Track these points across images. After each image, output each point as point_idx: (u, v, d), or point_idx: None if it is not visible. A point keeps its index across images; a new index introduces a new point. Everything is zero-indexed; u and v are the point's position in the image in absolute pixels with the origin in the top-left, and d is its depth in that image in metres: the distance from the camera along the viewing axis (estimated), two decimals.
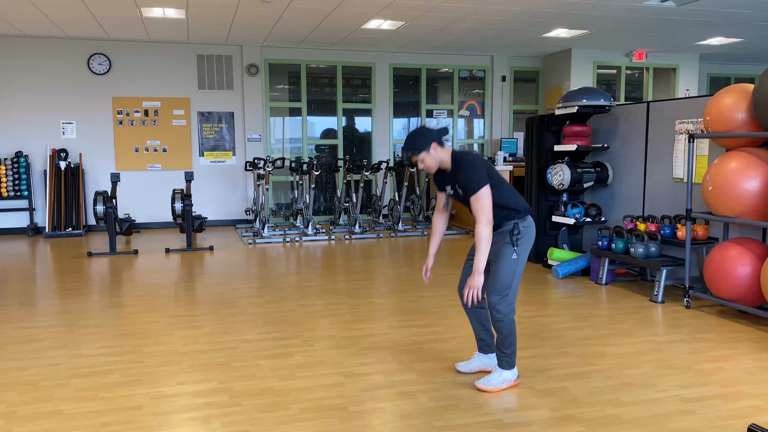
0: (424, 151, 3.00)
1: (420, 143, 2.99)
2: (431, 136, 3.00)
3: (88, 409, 2.97)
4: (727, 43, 9.77)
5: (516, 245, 3.05)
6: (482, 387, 3.15)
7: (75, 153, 9.17)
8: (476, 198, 2.93)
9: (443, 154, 3.03)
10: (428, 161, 3.02)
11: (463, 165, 2.97)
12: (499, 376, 3.16)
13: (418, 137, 3.00)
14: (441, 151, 3.02)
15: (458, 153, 3.03)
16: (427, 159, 3.01)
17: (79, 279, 5.99)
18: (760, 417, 2.82)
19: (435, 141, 3.00)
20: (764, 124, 4.04)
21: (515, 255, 3.05)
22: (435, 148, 3.00)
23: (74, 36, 8.83)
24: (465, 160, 2.97)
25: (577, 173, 5.94)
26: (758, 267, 4.17)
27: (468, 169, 2.94)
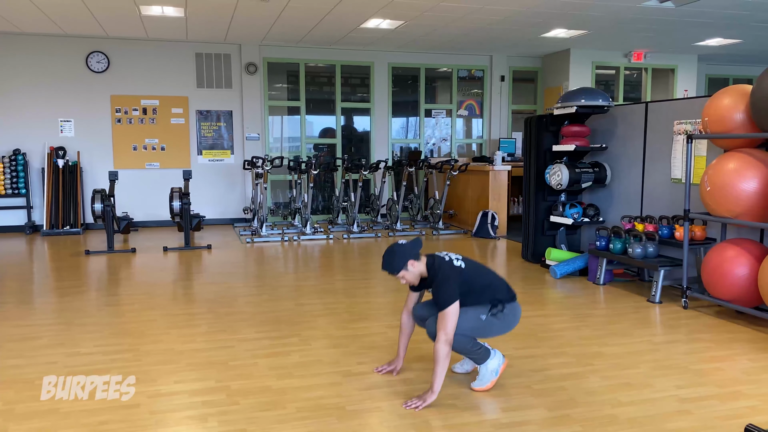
0: (403, 270, 3.04)
1: (398, 263, 3.03)
2: (407, 254, 3.04)
3: (86, 407, 2.97)
4: (726, 44, 9.78)
5: (492, 314, 3.08)
6: (478, 388, 3.16)
7: (73, 151, 9.16)
8: (443, 315, 2.95)
9: (420, 268, 3.07)
10: (408, 277, 3.07)
11: (436, 279, 3.01)
12: (487, 369, 3.16)
13: (394, 257, 3.04)
14: (418, 265, 3.06)
15: (432, 266, 3.05)
16: (407, 275, 3.06)
17: (76, 277, 5.98)
18: (757, 417, 2.83)
19: (411, 258, 3.03)
20: (762, 125, 4.05)
21: (483, 317, 3.07)
22: (412, 264, 3.04)
23: (73, 34, 8.82)
24: (439, 274, 3.01)
25: (576, 173, 5.95)
26: (756, 268, 4.17)
27: (441, 284, 2.98)
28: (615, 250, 5.31)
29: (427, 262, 3.07)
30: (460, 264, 3.05)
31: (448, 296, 2.94)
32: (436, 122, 10.96)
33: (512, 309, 3.16)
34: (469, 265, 3.11)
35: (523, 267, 6.38)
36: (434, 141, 11.03)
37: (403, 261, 3.02)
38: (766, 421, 2.79)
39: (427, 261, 3.07)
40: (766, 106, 3.93)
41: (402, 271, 3.04)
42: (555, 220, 6.21)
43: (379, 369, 3.40)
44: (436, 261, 3.05)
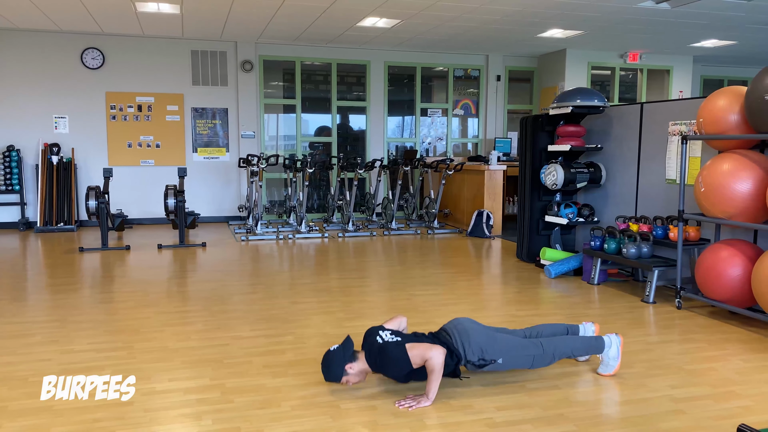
0: (344, 376, 3.04)
1: (335, 372, 3.03)
2: (340, 360, 3.02)
3: (79, 405, 2.95)
4: (721, 46, 9.82)
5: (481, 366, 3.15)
6: (607, 374, 3.32)
7: (67, 147, 9.12)
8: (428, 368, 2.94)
9: (361, 365, 3.06)
10: (352, 379, 3.07)
11: (381, 365, 3.02)
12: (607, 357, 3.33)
13: (329, 367, 3.03)
14: (356, 363, 3.05)
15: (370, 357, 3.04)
16: (351, 378, 3.06)
17: (70, 274, 5.96)
18: (750, 417, 2.84)
19: (347, 362, 3.03)
20: (756, 126, 4.07)
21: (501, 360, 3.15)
22: (350, 367, 3.03)
23: (68, 30, 8.78)
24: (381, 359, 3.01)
25: (571, 173, 5.96)
26: (749, 268, 4.19)
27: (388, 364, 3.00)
28: (609, 250, 5.32)
29: (366, 357, 3.06)
30: (396, 339, 3.06)
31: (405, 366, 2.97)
32: (432, 121, 10.96)
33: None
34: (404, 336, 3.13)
35: (518, 266, 6.39)
36: (430, 140, 11.04)
37: (339, 368, 3.02)
38: (758, 421, 2.80)
39: (365, 356, 3.06)
40: (760, 107, 3.95)
41: (343, 378, 3.04)
42: (550, 219, 6.22)
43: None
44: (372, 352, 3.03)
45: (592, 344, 3.34)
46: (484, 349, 3.12)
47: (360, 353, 3.10)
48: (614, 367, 3.32)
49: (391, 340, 3.07)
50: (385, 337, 3.10)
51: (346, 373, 3.04)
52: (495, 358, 3.13)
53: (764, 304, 3.96)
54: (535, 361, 3.19)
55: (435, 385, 2.96)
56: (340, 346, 3.08)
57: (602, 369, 3.34)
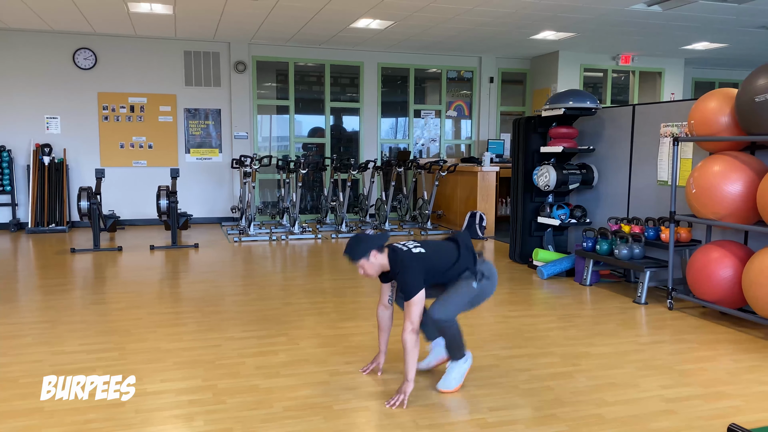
0: (363, 258, 3.01)
1: (359, 250, 3.01)
2: (371, 243, 3.02)
3: (71, 406, 2.94)
4: (712, 48, 9.88)
5: (479, 281, 3.11)
6: (446, 390, 3.13)
7: (59, 148, 9.08)
8: (408, 304, 2.96)
9: (382, 260, 3.05)
10: (367, 268, 3.04)
11: (399, 270, 3.01)
12: (456, 370, 3.17)
13: (358, 244, 3.02)
14: (380, 257, 3.04)
15: (395, 256, 3.04)
16: (366, 266, 3.03)
17: (62, 275, 5.93)
18: (740, 417, 2.86)
19: (375, 248, 3.02)
20: (747, 128, 4.10)
21: (475, 285, 3.10)
22: (374, 255, 3.02)
23: (60, 30, 8.74)
24: (402, 263, 3.00)
25: (563, 175, 5.98)
26: (740, 269, 4.22)
27: (404, 275, 2.98)
28: (601, 251, 5.34)
29: (389, 255, 3.06)
30: (420, 250, 3.05)
31: (413, 286, 2.95)
32: (425, 123, 10.98)
33: (488, 269, 3.17)
34: (429, 249, 3.10)
35: (511, 267, 6.41)
36: (423, 141, 11.05)
37: (366, 250, 3.00)
38: (748, 420, 2.82)
39: (389, 254, 3.06)
40: (750, 109, 3.98)
41: (362, 260, 3.01)
42: (542, 221, 6.24)
43: (364, 369, 3.41)
44: (398, 253, 3.04)
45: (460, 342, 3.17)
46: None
47: (386, 251, 3.08)
48: (455, 386, 3.15)
49: (416, 251, 3.04)
50: (410, 245, 3.08)
51: (367, 258, 3.01)
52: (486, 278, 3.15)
53: (754, 305, 3.98)
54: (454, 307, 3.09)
55: (412, 367, 2.97)
56: (377, 234, 3.07)
57: (441, 384, 3.15)
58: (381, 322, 3.32)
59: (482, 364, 3.53)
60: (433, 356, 3.42)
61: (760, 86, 3.90)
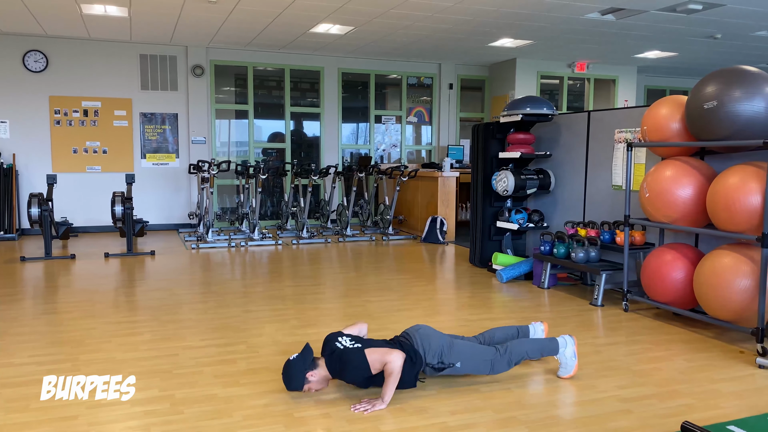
0: (306, 384, 3.04)
1: (297, 382, 3.03)
2: (302, 368, 3.02)
3: (20, 420, 2.83)
4: (663, 57, 10.19)
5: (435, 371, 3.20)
6: (565, 376, 3.37)
7: (8, 153, 8.78)
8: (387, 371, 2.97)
9: (321, 372, 3.06)
10: (315, 387, 3.07)
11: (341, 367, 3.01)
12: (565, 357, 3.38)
13: (291, 376, 3.02)
14: (317, 371, 3.04)
15: (331, 361, 3.04)
16: (313, 386, 3.06)
17: (11, 285, 5.72)
18: (693, 415, 2.94)
19: (308, 370, 3.02)
20: (696, 134, 4.23)
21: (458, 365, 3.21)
22: (311, 374, 3.03)
23: (8, 31, 8.47)
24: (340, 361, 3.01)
25: (521, 180, 6.07)
26: (691, 271, 4.34)
27: (348, 369, 3.00)
28: (559, 255, 5.43)
29: (326, 363, 3.05)
30: (356, 345, 3.07)
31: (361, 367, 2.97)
32: (386, 128, 11.00)
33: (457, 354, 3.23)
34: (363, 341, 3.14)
35: (471, 271, 6.46)
36: (384, 147, 11.07)
37: (300, 376, 3.01)
38: (701, 418, 2.90)
39: (325, 362, 3.06)
40: (700, 116, 4.10)
41: (305, 386, 3.04)
42: (501, 225, 6.32)
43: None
44: (335, 354, 3.04)
45: (546, 345, 3.40)
46: (443, 353, 3.17)
47: (320, 360, 3.08)
48: (573, 368, 3.37)
49: (351, 345, 3.06)
50: (344, 342, 3.09)
51: (307, 381, 3.02)
52: (453, 362, 3.17)
53: (705, 306, 4.10)
54: (494, 366, 3.23)
55: (391, 389, 2.97)
56: (299, 355, 3.06)
57: (562, 371, 3.38)
58: None
59: None
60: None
61: (708, 94, 4.03)
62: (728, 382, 3.40)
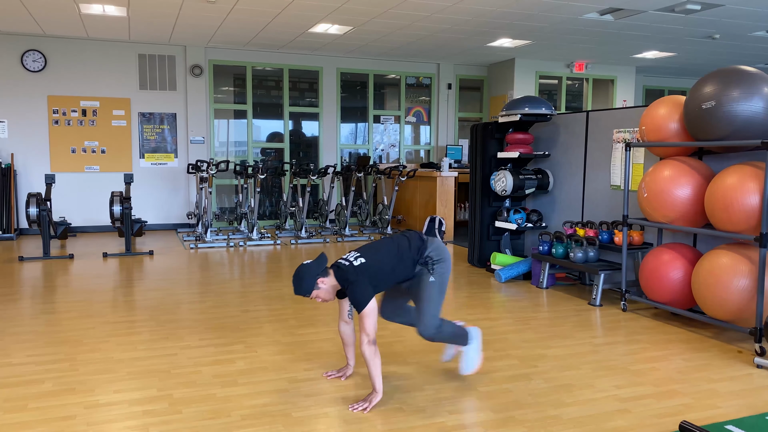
0: (314, 290, 3.04)
1: (306, 284, 3.02)
2: (313, 272, 3.03)
3: (17, 420, 2.83)
4: (661, 57, 10.20)
5: (432, 272, 3.11)
6: (471, 371, 3.29)
7: (6, 153, 8.77)
8: (361, 317, 2.98)
9: (331, 281, 3.06)
10: (322, 295, 3.07)
11: (347, 286, 3.02)
12: (470, 351, 3.27)
13: (302, 279, 3.02)
14: (328, 280, 3.05)
15: (340, 273, 3.04)
16: (320, 294, 3.06)
17: (9, 284, 5.71)
18: (691, 414, 2.94)
19: (318, 276, 3.03)
20: (695, 134, 4.23)
21: (432, 278, 3.11)
22: (322, 281, 3.04)
23: (7, 31, 8.46)
24: (347, 280, 3.01)
25: (519, 180, 6.07)
26: (689, 271, 4.35)
27: (352, 288, 2.99)
28: (557, 255, 5.44)
29: (335, 274, 3.05)
30: (361, 261, 3.05)
31: (361, 299, 2.95)
32: (385, 128, 11.00)
33: (435, 249, 3.15)
34: (368, 255, 3.09)
35: (469, 271, 6.46)
36: (383, 147, 11.07)
37: (311, 281, 3.01)
38: (699, 417, 2.90)
39: (335, 273, 3.06)
40: (698, 116, 4.11)
41: (314, 291, 3.04)
42: (500, 225, 6.32)
43: (329, 374, 3.40)
44: (342, 269, 3.04)
45: (461, 333, 3.25)
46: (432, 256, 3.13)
47: (331, 271, 3.07)
48: (477, 363, 3.28)
49: (357, 263, 3.03)
50: (350, 259, 3.07)
51: (317, 287, 3.02)
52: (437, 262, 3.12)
53: (703, 305, 4.11)
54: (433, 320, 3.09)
55: (377, 377, 2.99)
56: (314, 261, 3.06)
57: (465, 367, 3.27)
58: (344, 338, 3.33)
59: (441, 367, 3.54)
60: (450, 349, 3.45)
61: (707, 94, 4.04)
62: (726, 381, 3.40)
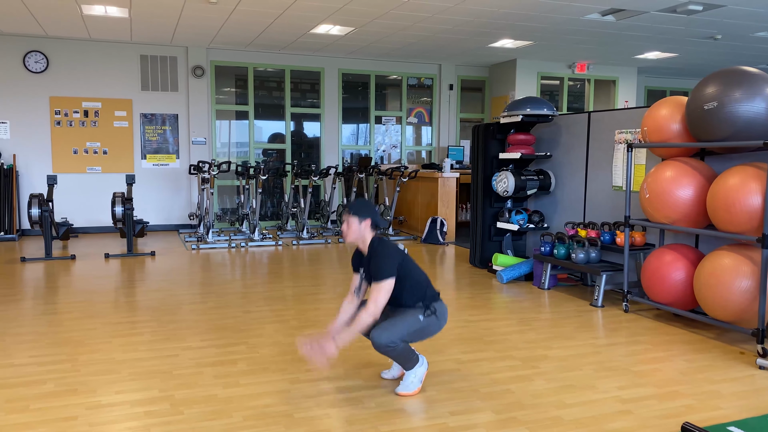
0: (358, 218, 3.09)
1: (362, 210, 3.09)
2: (373, 213, 3.10)
3: (19, 420, 2.83)
4: (663, 58, 10.19)
5: (426, 315, 3.12)
6: (404, 393, 3.16)
7: (8, 154, 8.78)
8: (377, 287, 2.98)
9: (367, 234, 3.11)
10: (353, 227, 3.11)
11: (377, 252, 3.04)
12: (415, 376, 3.19)
13: (364, 206, 3.12)
14: (367, 231, 3.10)
15: (377, 240, 3.09)
16: (353, 225, 3.10)
17: (11, 285, 5.72)
18: (693, 415, 2.94)
19: (372, 218, 3.08)
20: (696, 135, 4.23)
21: (422, 317, 3.12)
22: (366, 225, 3.08)
23: (9, 32, 8.47)
24: (380, 247, 3.05)
25: (521, 180, 6.07)
26: (691, 272, 4.34)
27: (380, 257, 3.01)
28: (559, 256, 5.43)
29: (374, 237, 3.10)
30: (404, 249, 3.07)
31: (386, 270, 2.98)
32: (386, 129, 11.00)
33: (441, 307, 3.22)
34: (408, 256, 3.17)
35: (471, 272, 6.46)
36: (384, 148, 11.07)
37: (366, 214, 3.08)
38: (701, 418, 2.90)
39: (374, 237, 3.10)
40: (700, 117, 4.11)
41: (355, 218, 3.09)
42: (501, 226, 6.32)
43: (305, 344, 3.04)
44: (384, 240, 3.09)
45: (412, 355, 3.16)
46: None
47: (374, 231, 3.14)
48: (414, 389, 3.17)
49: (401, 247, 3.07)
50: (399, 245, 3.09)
51: (360, 219, 3.08)
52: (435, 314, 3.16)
53: (705, 306, 4.10)
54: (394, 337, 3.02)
55: (349, 338, 2.99)
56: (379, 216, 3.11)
57: (402, 388, 3.17)
58: (341, 314, 3.24)
59: (443, 368, 3.54)
60: (397, 367, 3.42)
61: (709, 95, 4.03)
62: (728, 382, 3.40)
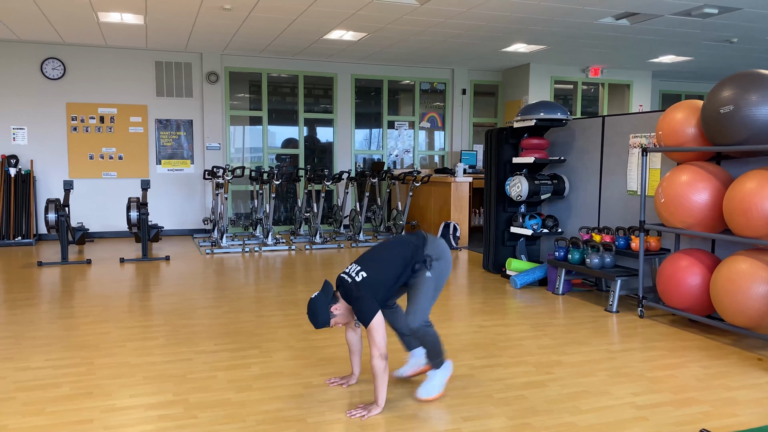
0: (331, 319, 3.05)
1: (323, 317, 3.03)
2: (324, 304, 3.02)
3: (35, 423, 2.86)
4: (678, 61, 10.12)
5: (429, 268, 3.09)
6: (427, 398, 3.15)
7: (26, 159, 8.90)
8: (368, 331, 2.97)
9: (343, 305, 3.05)
10: (341, 320, 3.09)
11: (352, 300, 3.01)
12: (438, 377, 3.18)
13: (316, 313, 3.02)
14: (340, 304, 3.05)
15: (345, 291, 3.03)
16: (338, 319, 3.08)
17: (27, 289, 5.78)
18: (710, 422, 2.90)
19: (330, 305, 3.03)
20: (712, 138, 4.19)
21: (429, 273, 3.09)
22: (335, 308, 3.04)
23: (27, 39, 8.60)
24: (351, 296, 3.01)
25: (535, 185, 6.04)
26: (708, 277, 4.29)
27: (356, 304, 2.99)
28: (573, 261, 5.40)
29: (342, 294, 3.05)
30: (362, 276, 3.03)
31: (367, 313, 2.95)
32: (399, 134, 11.01)
33: (433, 249, 3.12)
34: (370, 268, 3.06)
35: (484, 277, 6.44)
36: (397, 152, 11.08)
37: (326, 312, 3.01)
38: (717, 425, 2.86)
39: (341, 294, 3.05)
40: (716, 120, 4.07)
41: (332, 320, 3.05)
42: (515, 230, 6.29)
43: (331, 381, 3.39)
44: (346, 287, 3.03)
45: (439, 351, 3.18)
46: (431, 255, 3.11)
47: (338, 294, 3.08)
48: (436, 394, 3.17)
49: (359, 280, 3.01)
50: (352, 274, 3.05)
51: (333, 315, 3.03)
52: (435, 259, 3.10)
53: (722, 312, 4.06)
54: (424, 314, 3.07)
55: (382, 391, 2.98)
56: (320, 292, 3.06)
57: (423, 392, 3.16)
58: (351, 346, 3.33)
59: (456, 373, 3.53)
60: (410, 366, 3.42)
61: (725, 98, 4.00)
62: (745, 389, 3.35)
